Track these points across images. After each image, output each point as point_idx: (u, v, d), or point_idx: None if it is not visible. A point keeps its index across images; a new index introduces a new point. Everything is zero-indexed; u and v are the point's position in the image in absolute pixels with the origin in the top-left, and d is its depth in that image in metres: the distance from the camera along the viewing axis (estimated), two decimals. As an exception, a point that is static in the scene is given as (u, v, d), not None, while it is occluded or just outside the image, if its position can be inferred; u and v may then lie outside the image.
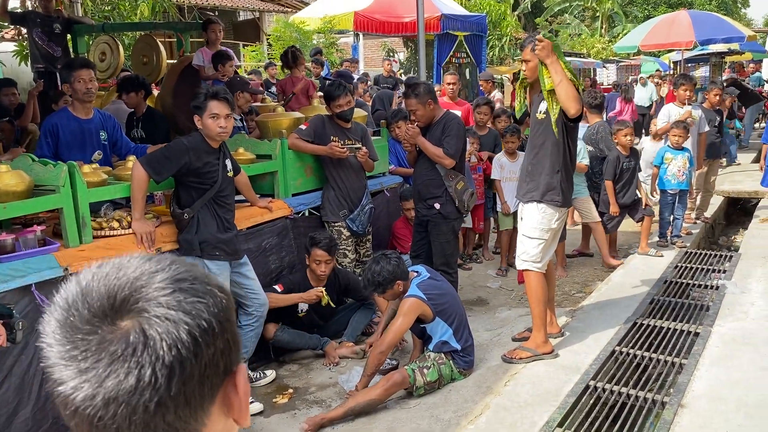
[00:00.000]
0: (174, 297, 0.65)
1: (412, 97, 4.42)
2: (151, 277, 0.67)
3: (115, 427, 0.63)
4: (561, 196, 3.87)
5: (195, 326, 0.65)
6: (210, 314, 0.67)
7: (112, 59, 6.91)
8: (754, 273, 5.41)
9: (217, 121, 3.51)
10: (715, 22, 12.37)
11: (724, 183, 9.03)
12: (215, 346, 0.66)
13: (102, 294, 0.65)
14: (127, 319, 0.64)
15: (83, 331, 0.63)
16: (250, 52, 14.88)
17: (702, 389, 3.50)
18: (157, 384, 0.62)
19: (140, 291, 0.65)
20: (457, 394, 3.65)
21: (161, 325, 0.63)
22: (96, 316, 0.64)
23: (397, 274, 3.72)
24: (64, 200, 3.21)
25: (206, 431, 0.68)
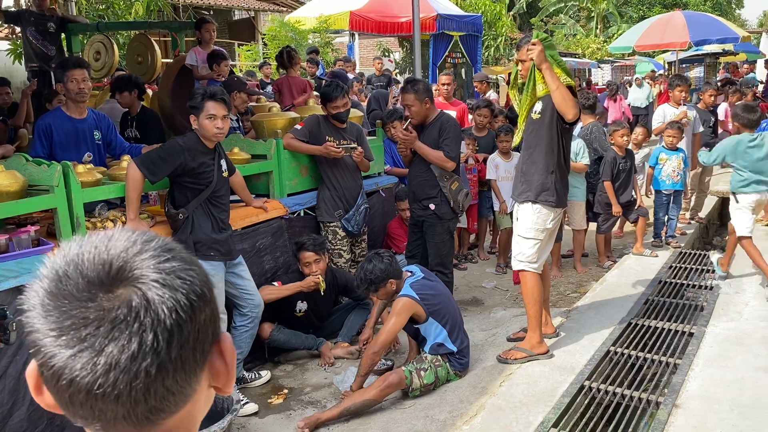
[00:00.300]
0: (169, 264, 0.66)
1: (411, 93, 4.42)
2: (143, 246, 0.67)
3: (116, 393, 0.62)
4: (555, 196, 3.88)
5: (190, 291, 0.66)
6: (201, 282, 0.68)
7: (106, 58, 6.89)
8: (748, 273, 5.42)
9: (214, 122, 3.50)
10: (709, 22, 12.41)
11: (718, 183, 9.04)
12: (205, 312, 0.68)
13: (96, 263, 0.64)
14: (124, 286, 0.64)
15: (80, 298, 0.62)
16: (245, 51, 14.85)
17: (696, 389, 3.52)
18: (159, 347, 0.63)
19: (135, 259, 0.65)
20: (453, 394, 3.65)
21: (161, 289, 0.64)
22: (93, 284, 0.63)
23: (390, 272, 3.72)
24: (58, 200, 3.19)
25: (196, 397, 0.70)
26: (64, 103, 4.18)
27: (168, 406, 0.66)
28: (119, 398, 0.62)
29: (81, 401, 0.63)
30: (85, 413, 0.64)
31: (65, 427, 3.10)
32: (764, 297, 4.84)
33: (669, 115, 6.52)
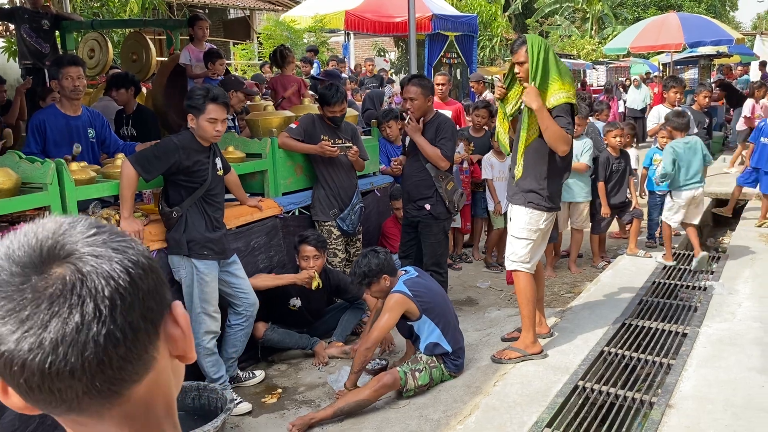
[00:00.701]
0: (99, 237, 0.66)
1: (417, 86, 4.43)
2: (71, 226, 0.67)
3: (69, 369, 0.62)
4: (549, 201, 3.90)
5: (125, 260, 0.66)
6: (136, 252, 0.68)
7: (101, 56, 6.86)
8: (742, 274, 5.45)
9: (214, 125, 3.49)
10: (704, 24, 12.46)
11: (711, 185, 9.07)
12: (149, 280, 0.67)
13: (26, 248, 0.65)
14: (56, 265, 0.64)
15: (15, 283, 0.63)
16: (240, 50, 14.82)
17: (690, 390, 3.52)
18: (102, 316, 0.62)
19: (64, 237, 0.65)
20: (447, 394, 3.65)
21: (94, 261, 0.64)
22: (26, 267, 0.63)
23: (384, 268, 3.73)
24: (52, 198, 3.18)
25: (159, 365, 0.69)
26: (59, 101, 4.16)
27: (128, 375, 0.65)
28: (74, 373, 0.62)
29: (38, 384, 0.62)
30: (46, 397, 0.63)
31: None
32: (758, 297, 4.85)
33: (664, 116, 6.53)
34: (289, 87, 5.90)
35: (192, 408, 3.39)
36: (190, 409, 3.38)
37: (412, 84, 4.46)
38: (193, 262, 3.54)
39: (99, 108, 5.59)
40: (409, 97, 4.45)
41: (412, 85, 4.45)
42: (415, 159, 4.60)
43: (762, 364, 3.74)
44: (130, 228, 3.43)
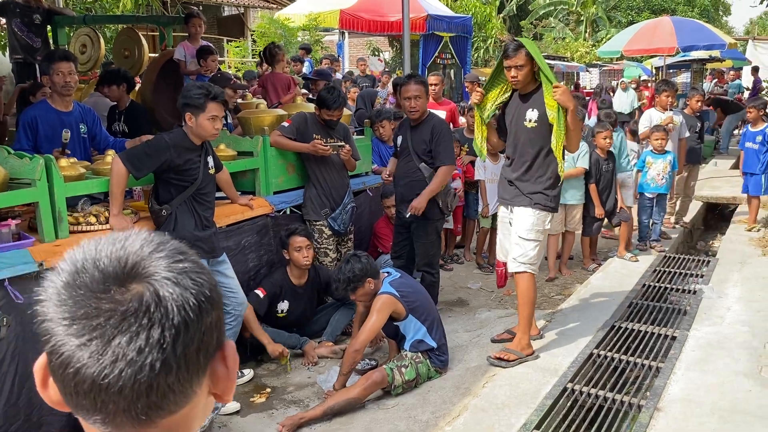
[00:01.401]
0: (181, 265, 0.69)
1: (420, 84, 4.47)
2: (158, 246, 0.70)
3: (120, 385, 0.64)
4: (554, 202, 3.95)
5: (199, 293, 0.68)
6: (210, 286, 0.71)
7: (92, 52, 6.82)
8: (731, 278, 5.47)
9: (215, 123, 3.48)
10: (697, 29, 12.52)
11: (703, 188, 9.12)
12: (212, 316, 0.70)
13: (113, 258, 0.67)
14: (137, 282, 0.66)
15: (95, 290, 0.65)
16: (233, 47, 14.77)
17: (678, 393, 3.53)
18: (165, 343, 0.64)
19: (149, 258, 0.68)
20: (436, 394, 3.65)
21: (171, 287, 0.66)
22: (108, 277, 0.66)
23: (368, 271, 3.74)
24: (40, 194, 3.15)
25: (196, 400, 0.70)
26: (50, 96, 4.13)
27: (168, 405, 0.67)
28: (122, 390, 0.64)
29: (85, 391, 0.64)
30: (88, 404, 0.65)
31: (42, 423, 3.06)
32: (747, 301, 4.88)
33: (655, 119, 6.57)
34: (278, 85, 5.88)
35: (180, 407, 3.37)
36: (177, 408, 3.36)
37: (415, 82, 4.46)
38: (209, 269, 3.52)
39: (90, 103, 5.56)
40: (414, 96, 4.45)
41: (414, 83, 4.45)
42: (408, 159, 4.60)
43: (749, 368, 3.76)
44: (119, 225, 3.41)
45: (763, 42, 20.16)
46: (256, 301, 4.16)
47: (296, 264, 4.31)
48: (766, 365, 3.80)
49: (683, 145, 6.82)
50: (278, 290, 4.31)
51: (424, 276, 4.78)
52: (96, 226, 3.43)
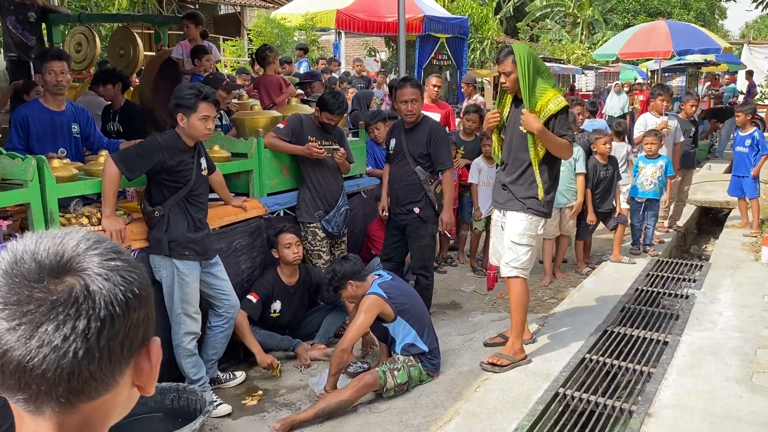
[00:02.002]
0: (114, 263, 0.74)
1: (416, 87, 4.48)
2: (95, 244, 0.75)
3: (44, 368, 0.68)
4: (546, 207, 3.95)
5: (128, 291, 0.73)
6: (140, 284, 0.75)
7: (88, 50, 6.79)
8: (723, 283, 5.49)
9: (206, 123, 3.47)
10: (692, 33, 12.55)
11: (696, 193, 9.15)
12: (139, 313, 0.75)
13: (50, 252, 0.72)
14: (70, 276, 0.71)
15: (30, 279, 0.70)
16: (230, 47, 14.74)
17: (669, 398, 3.54)
18: (89, 334, 0.69)
19: (85, 254, 0.73)
20: (428, 399, 3.65)
21: (102, 284, 0.71)
22: (43, 269, 0.70)
23: (348, 274, 3.76)
24: (32, 195, 3.13)
25: (118, 389, 0.75)
26: (42, 95, 4.11)
27: (88, 391, 0.71)
28: (45, 374, 0.68)
29: (11, 371, 0.69)
30: (13, 384, 0.70)
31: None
32: (739, 306, 4.89)
33: (650, 124, 6.58)
34: (270, 86, 5.86)
35: (171, 409, 3.36)
36: (169, 411, 3.35)
37: (411, 86, 4.46)
38: (174, 263, 3.51)
39: (83, 102, 5.53)
40: (411, 99, 4.45)
41: (410, 87, 4.45)
42: (404, 163, 4.61)
43: (740, 374, 3.77)
44: (112, 227, 3.39)
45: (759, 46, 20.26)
46: (249, 307, 4.15)
47: (286, 261, 4.30)
48: (757, 371, 3.81)
49: (678, 150, 6.83)
50: (270, 291, 4.31)
51: (419, 279, 4.78)
52: (88, 227, 3.41)
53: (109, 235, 3.38)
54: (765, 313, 4.71)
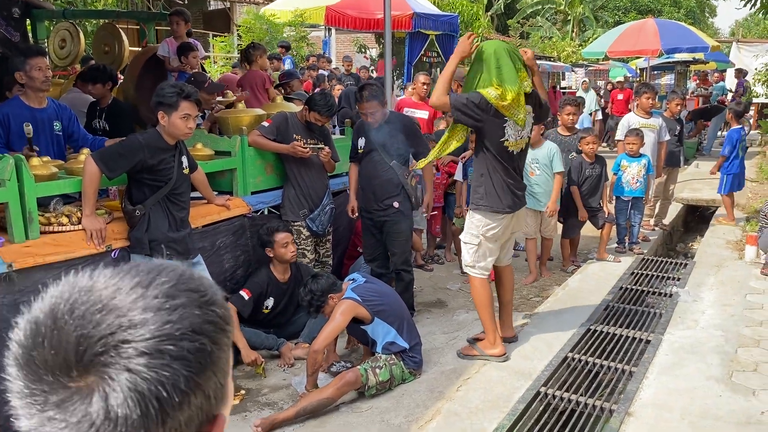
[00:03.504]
0: (150, 360, 0.60)
1: (373, 100, 4.44)
2: (130, 329, 0.61)
3: None
4: (486, 200, 3.91)
5: (167, 397, 0.61)
6: (192, 370, 0.62)
7: (72, 47, 6.73)
8: (707, 281, 5.52)
9: (187, 122, 3.45)
10: (681, 31, 12.60)
11: (683, 191, 9.20)
12: (191, 407, 0.63)
13: (71, 340, 0.60)
14: (93, 371, 0.60)
15: (53, 367, 0.60)
16: (219, 42, 14.66)
17: (649, 397, 3.56)
18: None
19: (117, 349, 0.60)
20: (410, 398, 3.65)
21: (127, 394, 0.59)
22: (68, 359, 0.60)
23: (326, 289, 3.78)
24: (10, 195, 3.11)
25: None
26: (24, 92, 4.07)
27: None
28: None
29: None
30: None
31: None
32: (721, 305, 4.92)
33: (633, 123, 6.59)
34: (254, 82, 5.84)
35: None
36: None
37: (368, 100, 4.43)
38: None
39: (68, 99, 5.49)
40: (371, 112, 4.46)
41: (367, 101, 4.43)
42: (377, 159, 4.59)
43: (721, 373, 3.80)
44: (92, 226, 3.37)
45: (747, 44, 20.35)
46: (240, 303, 4.15)
47: (282, 259, 4.31)
48: (737, 370, 3.84)
49: (663, 148, 6.85)
50: (264, 288, 4.32)
51: (403, 275, 4.78)
52: (68, 226, 3.39)
53: (89, 234, 3.37)
54: (747, 312, 4.75)
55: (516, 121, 3.83)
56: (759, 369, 3.84)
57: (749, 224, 7.36)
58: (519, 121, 3.84)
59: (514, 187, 3.97)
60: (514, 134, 3.88)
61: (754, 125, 16.27)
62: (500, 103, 3.75)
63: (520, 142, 3.94)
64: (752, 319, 4.61)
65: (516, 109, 3.80)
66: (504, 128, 3.85)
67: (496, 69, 3.77)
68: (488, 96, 3.74)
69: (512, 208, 3.97)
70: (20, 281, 3.08)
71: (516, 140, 3.90)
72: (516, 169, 3.99)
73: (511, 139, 3.88)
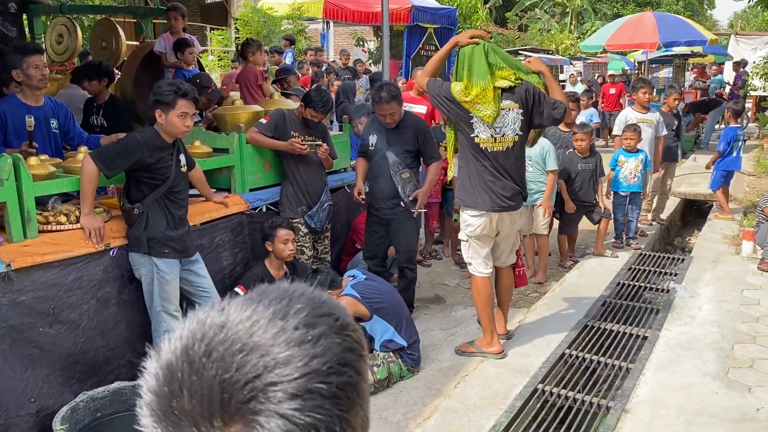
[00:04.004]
0: (302, 402, 0.55)
1: (393, 101, 4.44)
2: (277, 369, 0.55)
3: None
4: (463, 194, 3.96)
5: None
6: (343, 408, 0.58)
7: (69, 42, 6.71)
8: (704, 277, 5.54)
9: (185, 120, 3.45)
10: (678, 25, 12.57)
11: (681, 185, 9.21)
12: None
13: (214, 386, 0.55)
14: (238, 419, 0.54)
15: (188, 425, 0.55)
16: (216, 36, 14.62)
17: (646, 394, 3.59)
18: None
19: (265, 393, 0.55)
20: (408, 395, 3.67)
21: None
22: (201, 415, 0.55)
23: (325, 286, 3.79)
24: (8, 194, 3.10)
25: None
26: (20, 90, 4.06)
27: None
28: None
29: None
30: None
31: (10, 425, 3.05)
32: (718, 301, 4.94)
33: (631, 118, 6.59)
34: (248, 79, 5.82)
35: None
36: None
37: (387, 100, 4.42)
38: (154, 261, 3.50)
39: (65, 96, 5.48)
40: (389, 113, 4.47)
41: (386, 102, 4.43)
42: (388, 156, 4.60)
43: (717, 370, 3.82)
44: (90, 225, 3.38)
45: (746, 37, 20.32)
46: None
47: (280, 256, 4.31)
48: (733, 366, 3.87)
49: (660, 144, 6.86)
50: (258, 284, 4.31)
51: (406, 272, 4.81)
52: (66, 225, 3.39)
53: (88, 233, 3.37)
54: (743, 308, 4.77)
55: (482, 117, 3.76)
56: (755, 365, 3.87)
57: (746, 218, 7.38)
58: (485, 118, 3.76)
59: (493, 186, 3.85)
60: (485, 131, 3.80)
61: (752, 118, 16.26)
62: (462, 98, 3.77)
63: (501, 140, 3.82)
64: (749, 315, 4.64)
65: (481, 105, 3.74)
66: (471, 124, 3.82)
67: (467, 63, 3.81)
68: (453, 89, 3.81)
69: (490, 207, 3.87)
70: (19, 280, 3.08)
71: (490, 137, 3.80)
72: (498, 168, 3.85)
73: (482, 135, 3.81)
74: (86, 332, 3.38)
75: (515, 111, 3.83)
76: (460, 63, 3.85)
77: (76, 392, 3.29)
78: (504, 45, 22.18)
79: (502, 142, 3.85)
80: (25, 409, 3.13)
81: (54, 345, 3.25)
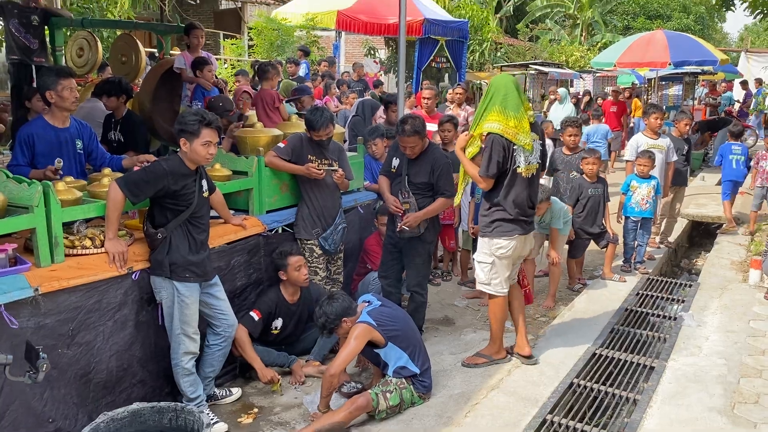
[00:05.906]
0: None
1: (415, 136, 4.50)
2: None
3: None
4: (490, 227, 4.19)
5: None
6: None
7: (90, 55, 6.83)
8: (711, 305, 5.60)
9: (209, 149, 3.55)
10: (690, 44, 12.63)
11: (689, 206, 9.26)
12: None
13: None
14: None
15: None
16: (230, 44, 14.74)
17: (653, 427, 3.65)
18: None
19: None
20: (419, 423, 3.74)
21: None
22: None
23: (340, 312, 3.84)
24: (38, 220, 3.20)
25: None
26: (49, 111, 4.16)
27: None
28: None
29: None
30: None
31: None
32: (725, 331, 5.00)
33: (642, 144, 6.66)
34: (266, 101, 5.91)
35: (169, 428, 3.43)
36: (167, 430, 3.43)
37: (409, 134, 4.48)
38: (175, 285, 3.59)
39: (86, 109, 5.61)
40: (411, 146, 4.54)
41: (409, 136, 4.48)
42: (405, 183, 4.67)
43: (723, 404, 3.88)
44: (115, 249, 3.47)
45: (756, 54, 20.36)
46: (251, 324, 4.25)
47: (296, 283, 4.42)
48: (739, 401, 3.93)
49: (671, 169, 6.92)
50: (273, 309, 4.42)
51: (414, 296, 4.87)
52: (91, 249, 3.49)
53: (112, 257, 3.46)
54: (750, 340, 4.83)
55: (523, 146, 4.05)
56: (761, 401, 3.93)
57: (753, 243, 7.44)
58: (526, 146, 4.06)
59: (524, 214, 4.19)
60: (524, 159, 4.08)
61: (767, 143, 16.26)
62: (505, 130, 4.00)
63: (531, 167, 4.14)
64: (755, 348, 4.69)
65: (521, 135, 4.04)
66: (514, 156, 4.06)
67: (502, 97, 4.04)
68: (493, 130, 4.02)
69: (522, 231, 4.22)
70: (45, 304, 3.17)
71: (526, 165, 4.10)
72: (529, 196, 4.19)
73: (522, 165, 4.08)
74: (100, 353, 3.46)
75: (537, 141, 4.18)
76: (492, 95, 4.07)
77: (91, 412, 3.38)
78: (514, 56, 22.26)
79: (531, 169, 4.15)
80: (43, 428, 3.22)
81: (71, 365, 3.33)
